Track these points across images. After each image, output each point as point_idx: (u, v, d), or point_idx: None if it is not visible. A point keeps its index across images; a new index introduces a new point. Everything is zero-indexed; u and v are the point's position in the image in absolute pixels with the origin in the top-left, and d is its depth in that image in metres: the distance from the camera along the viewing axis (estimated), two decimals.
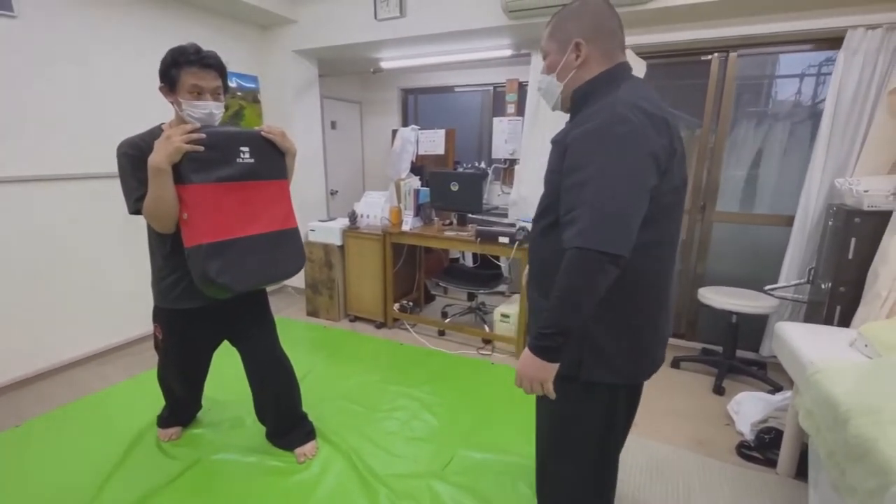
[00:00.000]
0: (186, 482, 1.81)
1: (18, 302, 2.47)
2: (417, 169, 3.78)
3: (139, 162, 1.44)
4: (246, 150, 1.55)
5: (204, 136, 1.43)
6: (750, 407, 2.15)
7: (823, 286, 2.26)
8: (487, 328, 3.22)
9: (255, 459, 1.93)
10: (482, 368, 2.78)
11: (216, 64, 1.52)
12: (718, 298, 2.56)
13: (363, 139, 5.24)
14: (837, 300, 2.15)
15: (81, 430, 2.13)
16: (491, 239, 2.85)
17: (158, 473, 1.84)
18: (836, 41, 2.41)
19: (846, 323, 2.07)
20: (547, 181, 1.12)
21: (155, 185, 1.40)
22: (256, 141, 1.59)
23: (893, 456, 1.02)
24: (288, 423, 1.97)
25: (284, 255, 1.68)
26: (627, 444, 1.43)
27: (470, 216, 3.25)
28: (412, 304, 3.50)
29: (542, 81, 1.18)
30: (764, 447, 1.98)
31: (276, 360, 1.90)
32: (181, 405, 2.07)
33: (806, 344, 1.64)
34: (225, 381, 2.27)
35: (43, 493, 1.75)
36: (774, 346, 1.86)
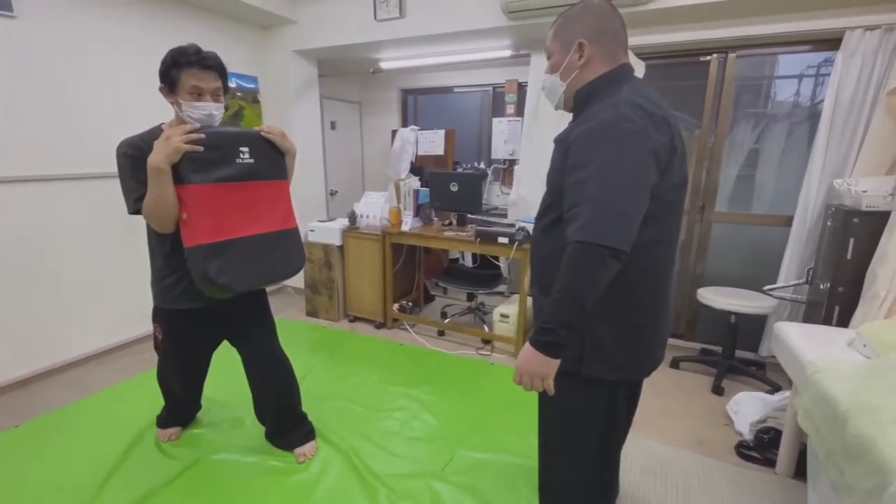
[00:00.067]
0: (186, 482, 1.81)
1: (18, 302, 2.46)
2: (417, 169, 3.78)
3: (139, 162, 1.44)
4: (246, 150, 1.55)
5: (203, 136, 1.43)
6: (749, 407, 2.15)
7: (822, 286, 2.26)
8: (487, 328, 3.22)
9: (254, 459, 1.93)
10: (482, 368, 2.78)
11: (216, 65, 1.52)
12: (717, 299, 2.56)
13: (363, 139, 5.24)
14: (836, 300, 2.16)
15: (81, 430, 2.13)
16: (490, 239, 2.85)
17: (158, 473, 1.84)
18: (834, 42, 2.42)
19: (845, 323, 2.08)
20: (549, 180, 1.13)
21: (154, 185, 1.40)
22: (256, 141, 1.59)
23: (892, 455, 1.02)
24: (287, 423, 1.98)
25: (284, 255, 1.68)
26: (627, 443, 1.43)
27: (469, 216, 3.25)
28: (412, 304, 3.50)
29: (545, 81, 1.20)
30: (763, 447, 1.98)
31: (275, 360, 1.90)
32: (181, 405, 2.07)
33: (805, 344, 1.64)
34: (225, 381, 2.26)
35: (43, 493, 1.75)
36: (773, 346, 1.86)
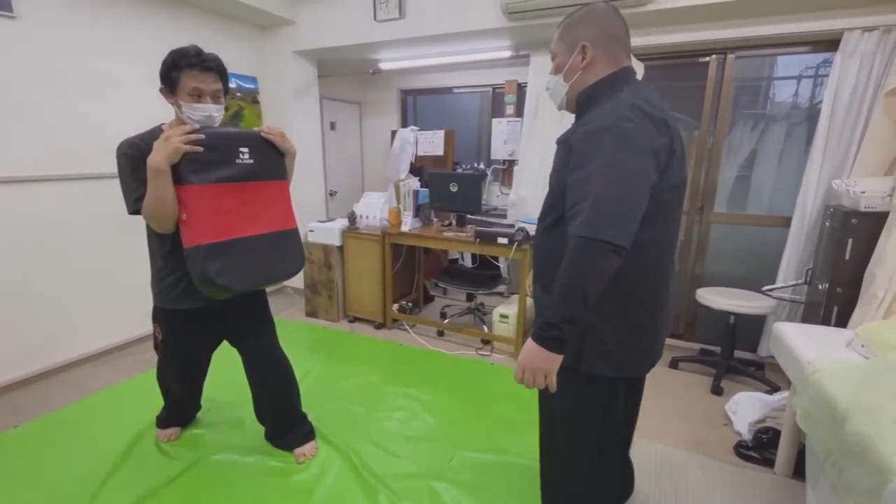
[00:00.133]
0: (186, 482, 1.81)
1: (18, 302, 2.46)
2: (416, 170, 3.78)
3: (138, 162, 1.44)
4: (245, 150, 1.55)
5: (203, 136, 1.43)
6: (748, 407, 2.16)
7: (821, 287, 2.27)
8: (486, 329, 3.22)
9: (254, 460, 1.93)
10: (481, 369, 2.79)
11: (217, 67, 1.52)
12: (716, 299, 2.57)
13: (362, 140, 5.24)
14: (834, 301, 2.16)
15: (81, 430, 2.12)
16: (490, 240, 2.85)
17: (158, 474, 1.84)
18: (832, 43, 2.43)
19: (843, 323, 2.09)
20: (552, 180, 1.17)
21: (154, 185, 1.40)
22: (256, 142, 1.59)
23: (890, 455, 1.02)
24: (287, 423, 1.98)
25: (284, 255, 1.68)
26: None
27: (469, 217, 3.26)
28: (411, 304, 3.50)
29: (549, 81, 1.24)
30: (762, 447, 1.99)
31: (275, 360, 1.90)
32: (180, 405, 2.07)
33: (803, 344, 1.64)
34: (224, 381, 2.26)
35: (43, 493, 1.75)
36: (772, 346, 1.87)
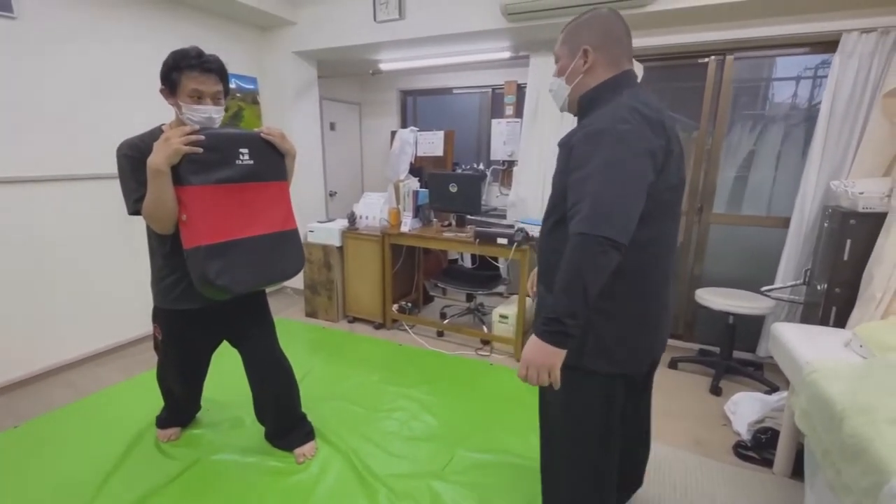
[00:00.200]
0: (186, 482, 1.81)
1: (16, 303, 2.46)
2: (416, 170, 3.78)
3: (138, 163, 1.44)
4: (245, 151, 1.55)
5: (203, 137, 1.43)
6: (747, 407, 2.16)
7: (819, 287, 2.27)
8: (486, 329, 3.22)
9: (254, 460, 1.93)
10: (481, 369, 2.79)
11: (217, 68, 1.52)
12: (715, 299, 2.57)
13: (362, 140, 5.24)
14: (833, 301, 2.17)
15: (80, 430, 2.13)
16: (489, 240, 2.86)
17: (157, 474, 1.84)
18: (831, 44, 2.43)
19: (841, 324, 2.09)
20: (554, 182, 1.20)
21: (154, 186, 1.40)
22: (256, 142, 1.59)
23: (888, 455, 1.03)
24: (287, 423, 1.98)
25: (284, 256, 1.69)
26: None
27: (468, 217, 3.26)
28: (411, 304, 3.50)
29: (553, 83, 1.28)
30: (760, 447, 1.99)
31: (275, 360, 1.90)
32: (180, 406, 2.07)
33: (802, 344, 1.65)
34: (224, 381, 2.27)
35: (42, 493, 1.75)
36: (771, 346, 1.87)
